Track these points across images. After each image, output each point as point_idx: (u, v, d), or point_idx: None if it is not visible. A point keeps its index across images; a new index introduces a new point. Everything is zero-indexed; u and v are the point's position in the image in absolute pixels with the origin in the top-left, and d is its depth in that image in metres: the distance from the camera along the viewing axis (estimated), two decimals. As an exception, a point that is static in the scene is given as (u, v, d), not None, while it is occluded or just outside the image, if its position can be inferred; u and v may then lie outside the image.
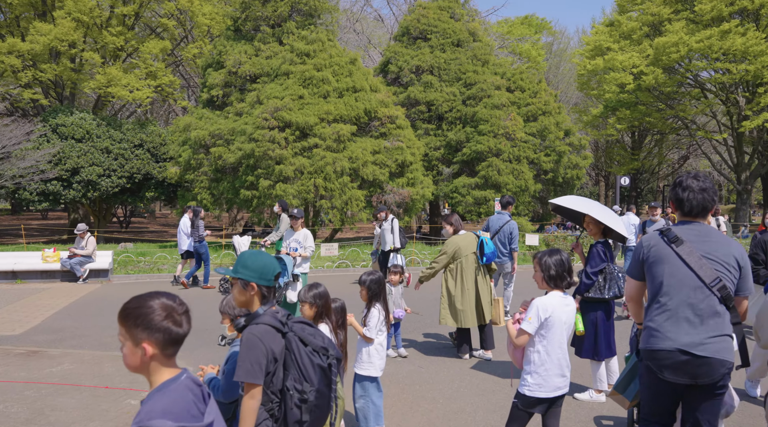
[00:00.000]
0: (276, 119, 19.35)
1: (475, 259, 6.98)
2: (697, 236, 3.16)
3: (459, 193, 23.34)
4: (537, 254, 3.68)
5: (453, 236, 7.13)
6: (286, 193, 18.98)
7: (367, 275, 4.68)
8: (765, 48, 27.35)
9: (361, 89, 21.09)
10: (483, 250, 6.93)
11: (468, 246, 7.00)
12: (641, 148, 47.62)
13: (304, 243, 7.91)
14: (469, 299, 6.90)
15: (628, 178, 24.21)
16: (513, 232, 9.17)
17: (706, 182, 3.18)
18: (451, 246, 7.03)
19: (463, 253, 6.97)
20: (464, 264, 6.95)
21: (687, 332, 3.07)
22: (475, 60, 25.89)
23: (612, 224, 5.24)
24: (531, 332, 3.51)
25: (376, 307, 4.61)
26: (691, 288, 3.09)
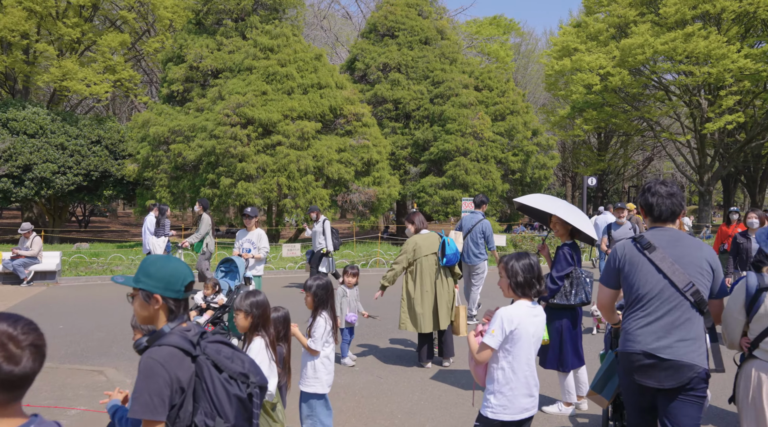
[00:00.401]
0: (238, 115, 18.75)
1: (435, 260, 6.61)
2: (669, 241, 3.21)
3: (426, 192, 23.03)
4: (503, 258, 3.29)
5: (414, 235, 6.76)
6: (249, 192, 18.42)
7: (313, 279, 4.24)
8: (726, 51, 27.66)
9: (327, 86, 20.62)
10: (444, 251, 6.53)
11: (429, 246, 6.60)
12: (607, 149, 48.09)
13: (257, 244, 7.44)
14: (429, 303, 6.53)
15: (595, 179, 24.20)
16: (486, 231, 8.91)
17: (673, 187, 3.27)
18: (410, 245, 6.67)
19: (423, 253, 6.57)
20: (423, 265, 6.58)
21: (658, 336, 3.12)
22: (443, 58, 25.61)
23: (580, 225, 4.89)
24: (494, 347, 3.10)
25: (322, 316, 4.17)
26: (664, 294, 3.13)
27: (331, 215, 19.99)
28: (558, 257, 5.00)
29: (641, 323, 3.19)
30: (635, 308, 3.23)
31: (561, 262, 4.96)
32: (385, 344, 7.83)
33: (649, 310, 3.17)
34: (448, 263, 6.54)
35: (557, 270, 4.94)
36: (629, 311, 3.27)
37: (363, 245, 20.65)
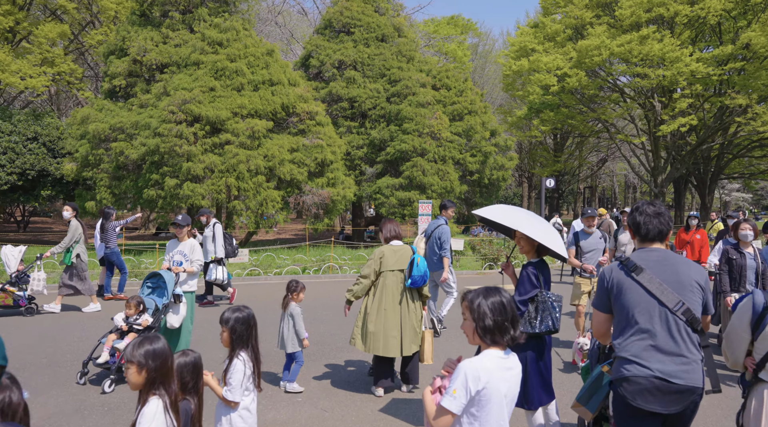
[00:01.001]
0: (184, 112, 17.74)
1: (402, 278, 5.90)
2: (657, 261, 3.21)
3: (382, 194, 22.40)
4: (467, 293, 2.63)
5: (383, 246, 6.06)
6: (195, 193, 17.44)
7: (231, 311, 3.47)
8: (680, 55, 27.89)
9: (279, 83, 19.76)
10: (411, 270, 5.81)
11: (397, 261, 5.91)
12: (563, 150, 48.47)
13: (190, 256, 6.64)
14: (384, 322, 5.82)
15: (553, 181, 23.98)
16: (441, 237, 8.51)
17: (660, 207, 3.32)
18: (377, 255, 5.97)
19: (389, 266, 5.88)
20: (387, 280, 5.88)
21: (658, 359, 3.08)
22: (400, 56, 25.01)
23: (547, 242, 4.27)
24: (456, 412, 2.42)
25: (240, 357, 3.38)
26: (656, 315, 3.12)
27: (284, 217, 19.16)
28: (521, 278, 4.38)
29: (637, 346, 3.14)
30: (628, 332, 3.18)
31: (524, 284, 4.33)
32: (336, 365, 7.13)
33: (642, 333, 3.13)
34: (413, 284, 5.84)
35: (520, 293, 4.32)
36: (622, 334, 3.21)
37: (317, 248, 19.90)
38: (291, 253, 18.47)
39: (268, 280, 14.12)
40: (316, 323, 9.20)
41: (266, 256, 17.36)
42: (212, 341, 7.93)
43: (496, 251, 17.18)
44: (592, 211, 7.51)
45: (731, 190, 71.34)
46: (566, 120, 36.13)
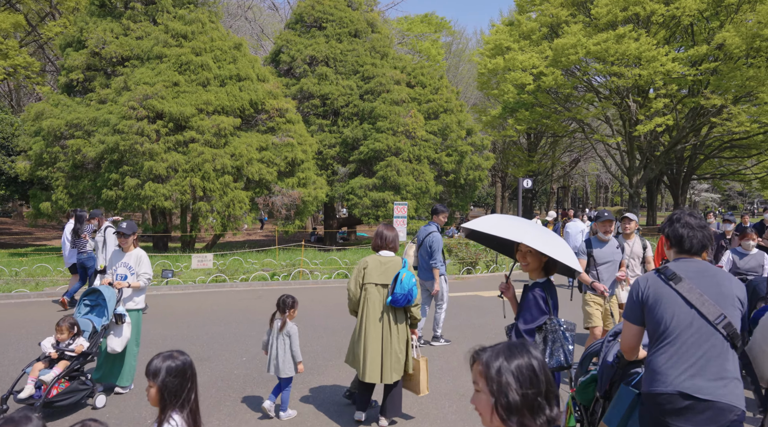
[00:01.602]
0: (145, 108, 16.76)
1: (385, 294, 5.12)
2: (697, 272, 3.06)
3: (355, 194, 21.64)
4: (479, 352, 1.84)
5: (371, 255, 5.29)
6: (158, 194, 16.47)
7: (162, 358, 2.60)
8: (656, 54, 27.65)
9: (247, 78, 18.86)
10: (393, 287, 5.01)
11: (381, 274, 5.12)
12: (536, 150, 48.31)
13: (136, 269, 5.79)
14: (364, 343, 5.09)
15: (531, 181, 23.45)
16: (433, 245, 7.77)
17: (702, 219, 3.16)
18: (359, 266, 5.23)
19: (372, 279, 5.11)
20: (369, 295, 5.11)
21: (691, 374, 2.90)
22: (373, 52, 24.28)
23: (560, 256, 3.53)
24: None
25: (172, 422, 2.50)
26: (694, 327, 2.95)
27: (251, 219, 18.28)
28: (527, 303, 3.61)
29: (670, 360, 2.96)
30: (662, 344, 3.00)
31: (531, 309, 3.57)
32: (310, 386, 6.34)
33: (678, 345, 2.95)
34: (393, 303, 4.99)
35: (525, 320, 3.56)
36: (655, 346, 3.04)
37: (287, 251, 19.05)
38: (260, 257, 17.60)
39: (234, 287, 13.25)
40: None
41: (233, 260, 16.47)
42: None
43: (474, 255, 16.55)
44: (609, 215, 6.30)
45: (700, 191, 72.22)
46: (541, 119, 35.76)
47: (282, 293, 11.02)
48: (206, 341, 8.02)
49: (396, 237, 5.29)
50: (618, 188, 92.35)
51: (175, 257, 16.33)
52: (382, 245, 5.24)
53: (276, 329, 5.40)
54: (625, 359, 3.38)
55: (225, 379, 6.37)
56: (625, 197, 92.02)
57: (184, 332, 8.55)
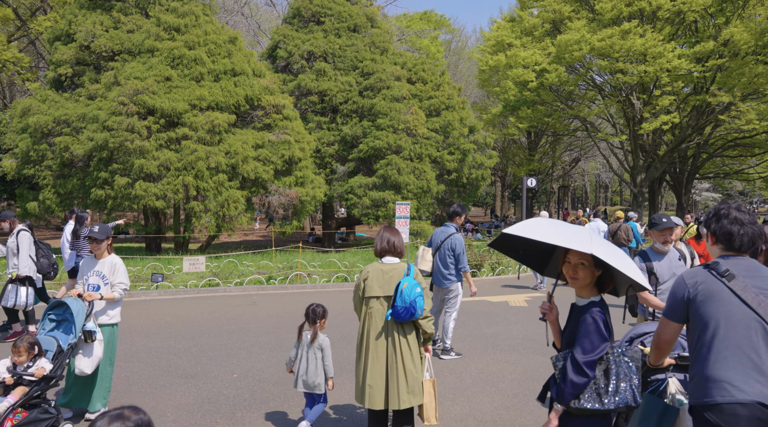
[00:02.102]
0: (136, 104, 16.05)
1: (386, 306, 4.45)
2: (747, 270, 2.81)
3: (355, 194, 20.95)
4: None
5: (372, 263, 4.62)
6: (149, 193, 15.77)
7: (109, 420, 1.86)
8: (663, 50, 27.01)
9: (242, 73, 18.16)
10: (394, 299, 4.33)
11: (384, 284, 4.43)
12: (537, 149, 47.78)
13: (111, 278, 5.10)
14: (365, 364, 4.42)
15: (534, 180, 22.79)
16: (456, 248, 7.20)
17: (752, 215, 2.91)
18: (359, 278, 4.57)
19: (373, 292, 4.43)
20: (373, 310, 4.43)
21: (757, 379, 2.62)
22: (373, 48, 23.59)
23: (626, 269, 2.82)
24: None
25: None
26: (751, 329, 2.68)
27: (247, 219, 17.58)
28: (585, 327, 2.86)
29: (729, 365, 2.69)
30: (716, 347, 2.73)
31: (590, 335, 2.83)
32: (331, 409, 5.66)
33: (737, 349, 2.70)
34: (394, 317, 4.33)
35: (585, 350, 2.82)
36: (704, 349, 2.77)
37: (284, 253, 18.35)
38: (255, 258, 16.90)
39: (228, 291, 12.56)
40: (279, 350, 7.72)
41: (228, 263, 15.77)
42: (150, 388, 6.40)
43: (479, 257, 15.87)
44: (669, 221, 5.00)
45: (701, 190, 71.67)
46: (543, 118, 35.13)
47: (278, 297, 10.44)
48: (194, 355, 7.34)
49: (401, 241, 4.61)
50: (617, 187, 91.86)
51: (167, 260, 15.64)
52: (386, 250, 4.54)
53: (306, 342, 4.82)
54: (645, 366, 3.16)
55: (212, 401, 5.67)
56: (625, 196, 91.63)
57: (170, 344, 7.85)
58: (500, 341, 8.29)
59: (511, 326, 9.23)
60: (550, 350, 7.67)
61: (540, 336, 8.51)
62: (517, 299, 11.92)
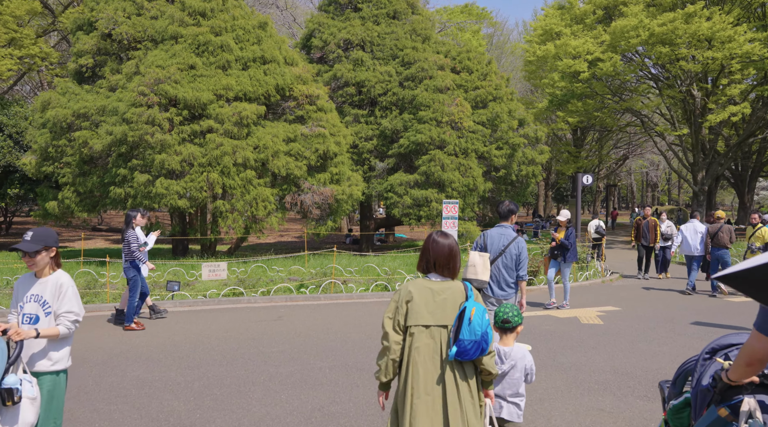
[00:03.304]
0: (157, 94, 14.73)
1: (442, 341, 3.17)
2: None
3: (395, 192, 19.30)
4: None
5: (413, 280, 3.31)
6: (171, 191, 14.43)
7: None
8: (733, 33, 24.62)
9: (273, 60, 16.70)
10: (459, 329, 3.08)
11: (435, 309, 3.20)
12: (582, 146, 45.59)
13: (54, 304, 3.57)
14: (413, 419, 3.04)
15: (590, 177, 20.74)
16: (521, 254, 6.09)
17: None
18: (399, 297, 3.27)
19: (420, 319, 3.18)
20: (417, 343, 3.17)
21: None
22: (414, 35, 21.90)
23: None
24: None
25: None
26: None
27: (278, 220, 16.10)
28: None
29: None
30: None
31: None
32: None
33: None
34: (461, 355, 3.07)
35: None
36: None
37: (318, 257, 16.83)
38: (287, 263, 15.42)
39: (252, 302, 11.05)
40: (304, 386, 6.12)
41: (256, 267, 14.31)
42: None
43: (537, 262, 14.04)
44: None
45: (759, 189, 67.81)
46: (592, 112, 32.92)
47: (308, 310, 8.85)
48: (196, 393, 5.79)
49: (457, 252, 3.34)
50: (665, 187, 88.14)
51: (191, 264, 14.27)
52: (436, 264, 3.30)
53: None
54: (723, 382, 2.64)
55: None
56: (673, 195, 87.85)
57: (169, 377, 6.33)
58: (584, 375, 6.51)
59: (591, 354, 7.44)
60: (652, 391, 5.89)
61: (633, 368, 6.71)
62: (589, 315, 10.09)
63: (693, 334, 8.57)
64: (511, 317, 3.84)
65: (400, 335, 3.19)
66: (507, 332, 3.87)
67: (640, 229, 15.70)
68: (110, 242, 28.30)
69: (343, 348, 7.57)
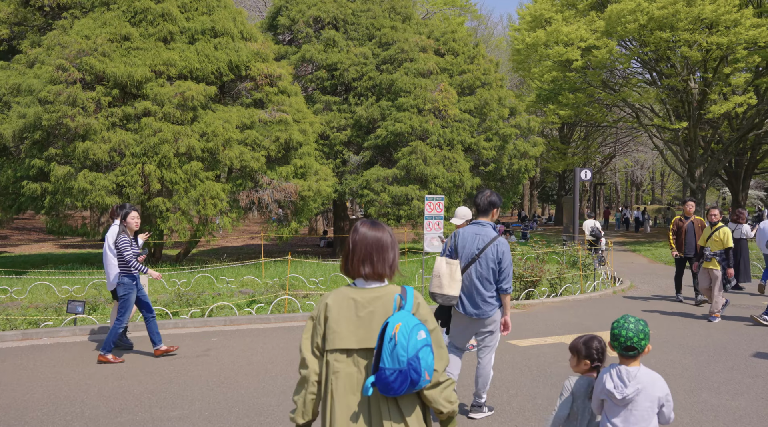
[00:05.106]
0: (80, 69, 12.22)
1: (365, 367, 2.35)
2: None
3: (371, 189, 16.92)
4: None
5: (334, 290, 2.46)
6: (96, 186, 11.91)
7: None
8: (739, 17, 22.62)
9: (226, 33, 14.22)
10: (379, 354, 2.23)
11: (359, 326, 2.37)
12: (569, 143, 43.84)
13: None
14: None
15: (589, 172, 18.49)
16: (504, 259, 4.68)
17: None
18: (317, 311, 2.46)
19: (338, 343, 2.37)
20: (338, 373, 2.36)
21: None
22: (393, 14, 19.56)
23: None
24: None
25: None
26: None
27: (230, 221, 13.63)
28: None
29: None
30: None
31: None
32: None
33: None
34: (383, 389, 2.23)
35: None
36: None
37: (282, 264, 14.37)
38: (241, 272, 12.96)
39: (180, 327, 8.57)
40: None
41: (201, 278, 11.84)
42: None
43: (537, 269, 11.70)
44: None
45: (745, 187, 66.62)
46: (582, 107, 30.88)
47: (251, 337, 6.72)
48: None
49: (389, 246, 2.47)
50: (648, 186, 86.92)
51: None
52: (361, 263, 2.43)
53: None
54: None
55: None
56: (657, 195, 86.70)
57: None
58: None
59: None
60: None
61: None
62: (615, 343, 7.75)
63: (766, 374, 6.29)
64: (636, 343, 2.98)
65: (315, 359, 2.44)
66: (631, 359, 3.04)
67: (684, 234, 10.79)
68: (58, 245, 25.60)
69: (282, 406, 5.17)
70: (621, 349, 3.00)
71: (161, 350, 6.90)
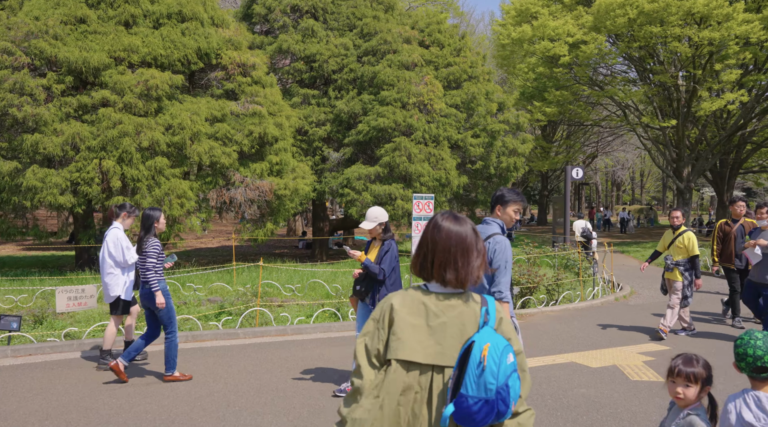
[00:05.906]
0: (28, 54, 11.01)
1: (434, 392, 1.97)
2: None
3: (352, 188, 15.87)
4: None
5: (403, 290, 2.09)
6: (48, 183, 10.72)
7: None
8: (731, 11, 21.98)
9: (194, 18, 13.08)
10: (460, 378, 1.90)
11: (426, 338, 2.00)
12: (551, 142, 43.31)
13: None
14: None
15: (581, 170, 17.65)
16: (495, 258, 3.83)
17: None
18: (380, 315, 2.08)
19: (398, 351, 1.99)
20: (407, 391, 1.98)
21: None
22: (375, 3, 18.53)
23: None
24: None
25: None
26: None
27: (199, 221, 12.48)
28: None
29: None
30: None
31: None
32: None
33: None
34: (463, 421, 1.87)
35: None
36: None
37: (256, 269, 13.28)
38: (210, 278, 11.84)
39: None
40: None
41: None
42: None
43: (534, 275, 10.76)
44: None
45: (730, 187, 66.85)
46: (567, 105, 30.20)
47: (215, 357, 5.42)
48: None
49: (474, 245, 2.11)
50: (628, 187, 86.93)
51: (78, 279, 10.59)
52: (438, 265, 2.08)
53: None
54: None
55: None
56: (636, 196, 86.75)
57: None
58: None
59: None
60: None
61: None
62: (632, 361, 6.79)
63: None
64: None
65: (372, 372, 2.07)
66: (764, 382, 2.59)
67: (733, 241, 8.92)
68: (22, 247, 24.13)
69: None
70: (750, 370, 2.62)
71: (173, 377, 5.97)
